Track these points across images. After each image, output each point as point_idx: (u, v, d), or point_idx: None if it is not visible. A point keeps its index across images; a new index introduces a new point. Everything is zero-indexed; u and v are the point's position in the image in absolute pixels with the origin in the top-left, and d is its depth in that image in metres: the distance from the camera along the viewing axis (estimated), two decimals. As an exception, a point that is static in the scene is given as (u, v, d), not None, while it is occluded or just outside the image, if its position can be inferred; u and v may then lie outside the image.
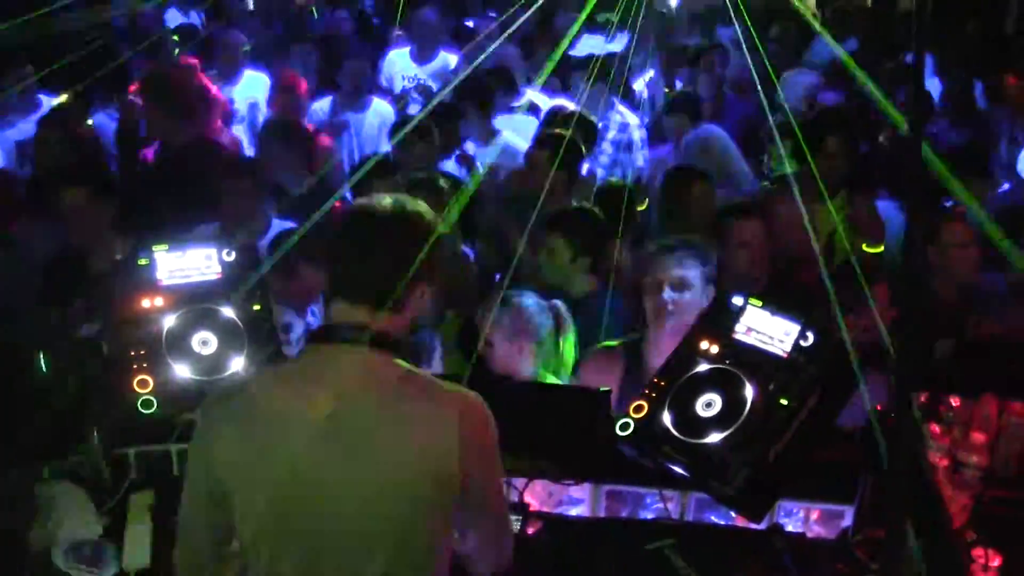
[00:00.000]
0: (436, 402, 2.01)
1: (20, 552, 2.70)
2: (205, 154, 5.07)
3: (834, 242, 4.49)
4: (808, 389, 2.56)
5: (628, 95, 6.70)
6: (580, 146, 5.18)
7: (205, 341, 2.88)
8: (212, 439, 2.06)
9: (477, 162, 5.65)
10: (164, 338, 2.85)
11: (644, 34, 7.66)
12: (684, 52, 8.34)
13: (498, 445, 2.10)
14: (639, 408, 2.67)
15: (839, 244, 4.46)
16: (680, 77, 8.03)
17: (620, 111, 6.27)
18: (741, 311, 2.74)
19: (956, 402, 3.00)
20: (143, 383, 2.80)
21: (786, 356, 2.62)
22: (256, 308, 2.96)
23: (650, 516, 2.91)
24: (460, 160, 5.63)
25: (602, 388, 2.95)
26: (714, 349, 2.70)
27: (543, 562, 2.70)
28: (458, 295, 4.27)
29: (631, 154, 6.21)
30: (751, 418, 2.53)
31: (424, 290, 2.10)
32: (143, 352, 2.84)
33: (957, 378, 3.21)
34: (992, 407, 2.94)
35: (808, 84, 6.78)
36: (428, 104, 6.40)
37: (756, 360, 2.64)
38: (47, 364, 3.18)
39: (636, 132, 6.26)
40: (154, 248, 2.95)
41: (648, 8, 7.44)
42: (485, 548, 2.16)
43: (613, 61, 6.29)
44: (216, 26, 7.55)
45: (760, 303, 2.74)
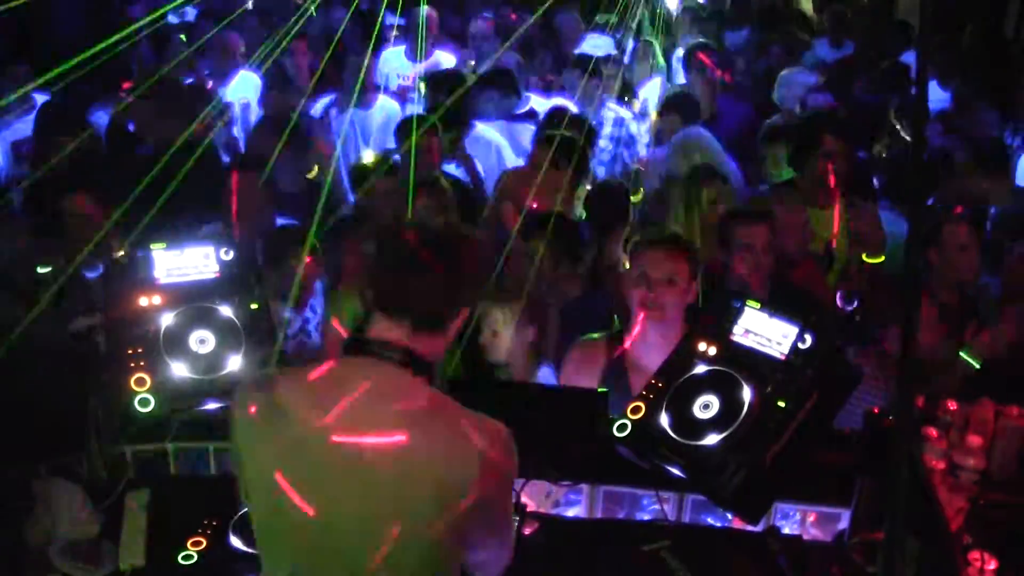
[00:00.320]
0: (460, 429, 1.96)
1: (17, 550, 2.70)
2: (199, 154, 5.05)
3: (833, 249, 4.44)
4: (805, 391, 2.56)
5: (630, 98, 6.68)
6: (586, 148, 5.12)
7: (203, 340, 2.88)
8: (236, 429, 2.05)
9: (477, 163, 5.63)
10: (162, 337, 2.85)
11: (646, 36, 7.68)
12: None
13: (516, 473, 2.08)
14: (636, 409, 2.67)
15: (838, 251, 4.41)
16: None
17: (611, 107, 6.24)
18: (739, 313, 2.74)
19: (953, 405, 3.00)
20: (140, 381, 2.80)
21: (784, 358, 2.62)
22: (254, 307, 2.96)
23: (647, 517, 2.91)
24: (460, 161, 5.61)
25: (596, 386, 2.94)
26: (712, 351, 2.71)
27: (539, 563, 2.70)
28: None
29: (631, 148, 6.19)
30: (748, 420, 2.54)
31: (465, 315, 2.08)
32: (140, 350, 2.84)
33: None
34: (988, 410, 2.95)
35: (806, 84, 6.73)
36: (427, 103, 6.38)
37: (754, 362, 2.64)
38: (45, 363, 3.17)
39: (633, 125, 6.23)
40: (152, 246, 2.95)
41: (648, 9, 7.46)
42: (488, 563, 2.16)
43: (614, 62, 6.27)
44: (210, 25, 7.52)
45: (758, 305, 2.74)
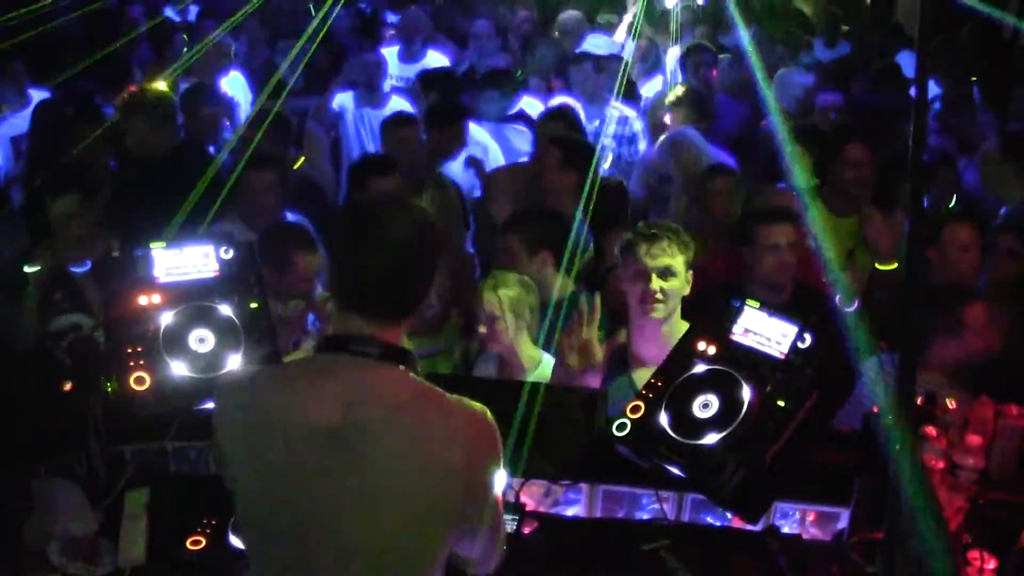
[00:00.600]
0: (445, 416, 1.98)
1: (16, 550, 2.69)
2: (191, 158, 5.07)
3: (856, 257, 4.32)
4: (805, 391, 2.56)
5: (633, 96, 6.68)
6: (592, 146, 5.04)
7: (202, 339, 2.88)
8: (218, 427, 2.05)
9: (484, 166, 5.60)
10: (161, 335, 2.85)
11: (649, 37, 7.68)
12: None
13: (502, 459, 2.09)
14: (636, 408, 2.67)
15: (860, 260, 4.29)
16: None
17: (616, 105, 6.23)
18: (739, 312, 2.74)
19: (952, 404, 3.00)
20: (140, 380, 2.80)
21: (783, 358, 2.62)
22: (254, 306, 2.96)
23: (646, 517, 2.91)
24: (468, 163, 5.57)
25: (599, 381, 2.92)
26: (711, 350, 2.71)
27: (539, 562, 2.70)
28: (463, 295, 4.26)
29: (634, 146, 6.18)
30: (748, 419, 2.54)
31: (428, 298, 2.08)
32: (140, 349, 2.83)
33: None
34: (988, 410, 2.95)
35: (804, 85, 6.71)
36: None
37: (753, 361, 2.64)
38: (42, 362, 3.17)
39: (636, 123, 6.23)
40: (151, 245, 2.94)
41: (649, 9, 7.45)
42: (479, 554, 2.16)
43: (617, 61, 6.26)
44: (211, 24, 7.50)
45: (757, 304, 2.74)
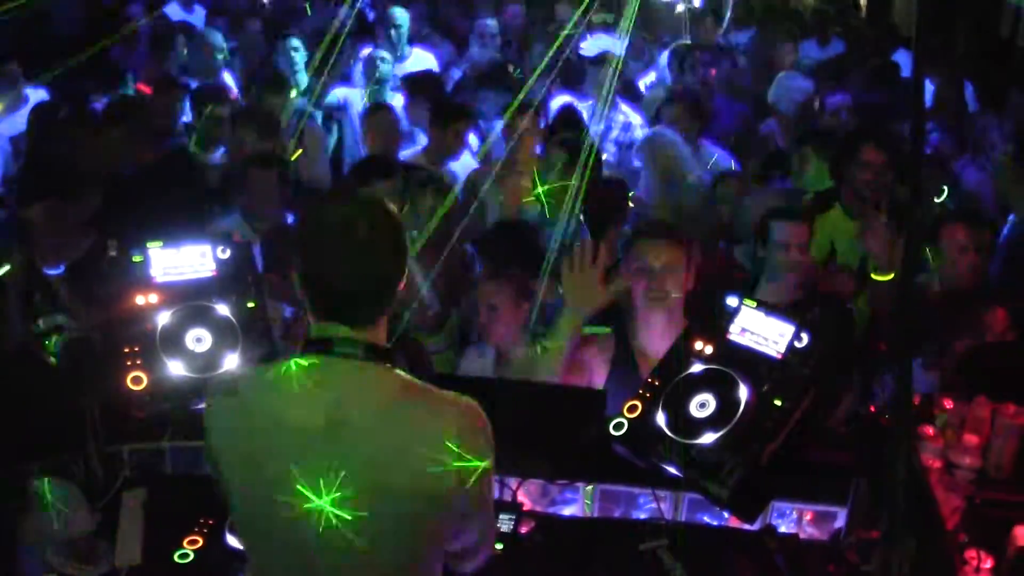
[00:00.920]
0: (434, 409, 1.99)
1: (13, 550, 2.69)
2: (181, 165, 5.07)
3: (868, 264, 4.22)
4: (802, 390, 2.56)
5: (632, 95, 6.67)
6: (599, 150, 4.99)
7: (199, 338, 2.88)
8: (210, 429, 2.05)
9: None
10: (158, 335, 2.85)
11: (644, 35, 7.68)
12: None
13: (493, 449, 2.09)
14: (633, 408, 2.68)
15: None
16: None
17: (624, 111, 6.23)
18: (736, 312, 2.74)
19: (949, 404, 3.00)
20: (137, 380, 2.80)
21: (780, 357, 2.62)
22: (251, 305, 2.96)
23: (643, 516, 2.91)
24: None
25: (605, 378, 2.90)
26: (708, 349, 2.71)
27: (536, 562, 2.70)
28: (463, 295, 4.26)
29: (631, 151, 6.18)
30: (745, 419, 2.54)
31: (413, 291, 2.07)
32: (137, 349, 2.83)
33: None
34: (985, 409, 2.95)
35: (803, 89, 6.71)
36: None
37: (750, 361, 2.64)
38: (31, 362, 3.16)
39: (639, 131, 6.21)
40: (148, 245, 2.94)
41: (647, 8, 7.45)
42: (471, 549, 2.16)
43: (618, 61, 6.25)
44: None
45: (754, 304, 2.74)
